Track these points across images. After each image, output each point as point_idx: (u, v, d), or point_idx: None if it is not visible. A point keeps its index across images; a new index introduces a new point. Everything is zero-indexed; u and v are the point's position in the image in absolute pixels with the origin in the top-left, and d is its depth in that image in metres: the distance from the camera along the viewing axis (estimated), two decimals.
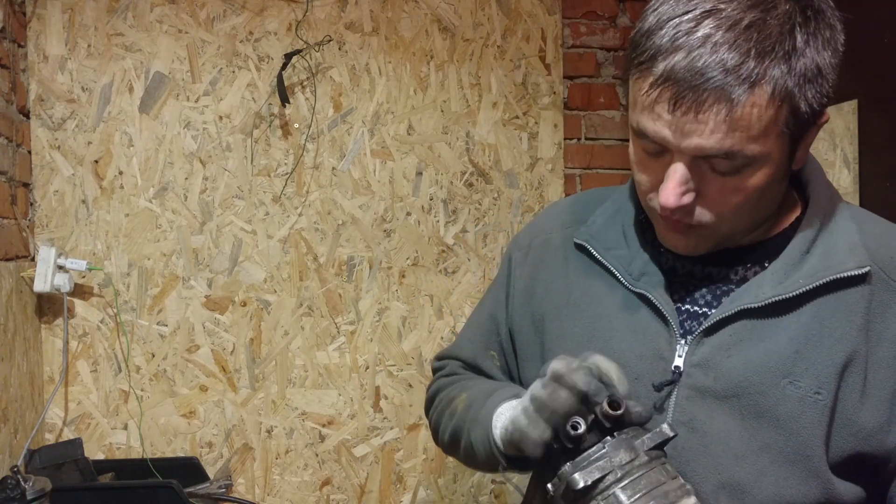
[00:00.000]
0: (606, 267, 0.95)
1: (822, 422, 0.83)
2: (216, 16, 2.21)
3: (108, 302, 2.16)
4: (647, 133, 0.82)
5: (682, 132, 0.79)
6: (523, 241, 1.09)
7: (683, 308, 0.92)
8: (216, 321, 2.21)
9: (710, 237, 0.87)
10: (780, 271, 0.87)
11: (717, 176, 0.82)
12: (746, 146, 0.78)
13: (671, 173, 0.82)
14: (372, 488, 2.29)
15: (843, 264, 0.85)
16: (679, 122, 0.79)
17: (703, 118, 0.77)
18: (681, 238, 0.88)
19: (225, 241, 2.22)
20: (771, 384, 0.84)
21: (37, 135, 2.13)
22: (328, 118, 2.27)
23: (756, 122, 0.78)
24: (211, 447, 2.21)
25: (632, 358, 0.90)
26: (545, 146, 2.38)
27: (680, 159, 0.81)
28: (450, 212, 2.33)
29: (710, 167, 0.82)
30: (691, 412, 0.87)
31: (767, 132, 0.79)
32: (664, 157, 0.84)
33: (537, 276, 1.03)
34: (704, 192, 0.83)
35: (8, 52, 1.99)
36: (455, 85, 2.33)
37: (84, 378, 2.15)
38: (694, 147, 0.79)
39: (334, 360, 2.27)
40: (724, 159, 0.80)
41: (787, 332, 0.85)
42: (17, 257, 2.01)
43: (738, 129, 0.77)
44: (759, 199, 0.84)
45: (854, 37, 1.81)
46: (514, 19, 2.36)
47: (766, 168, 0.81)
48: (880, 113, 1.64)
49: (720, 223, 0.85)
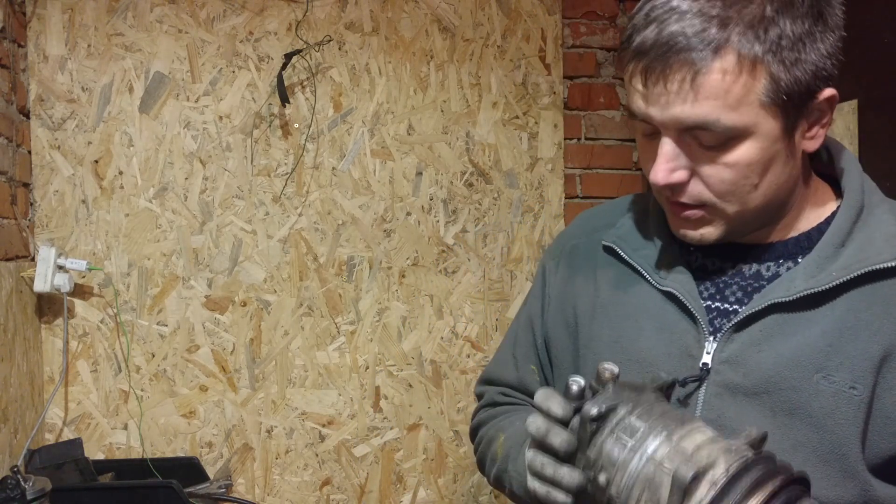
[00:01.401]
0: (634, 267, 0.95)
1: (857, 418, 0.80)
2: (216, 16, 2.21)
3: (108, 302, 2.16)
4: (634, 111, 0.83)
5: (658, 104, 0.80)
6: (555, 250, 1.09)
7: (714, 306, 0.90)
8: (216, 321, 2.21)
9: (719, 222, 0.85)
10: (813, 265, 0.85)
11: (706, 151, 0.82)
12: (723, 115, 0.78)
13: (659, 150, 0.83)
14: (372, 488, 2.29)
15: (879, 255, 0.82)
16: (653, 93, 0.80)
17: (671, 87, 0.78)
18: (690, 226, 0.87)
19: (225, 241, 2.22)
20: (803, 379, 0.82)
21: (37, 135, 2.13)
22: (328, 118, 2.27)
23: (728, 90, 0.77)
24: (211, 447, 2.21)
25: (660, 356, 0.90)
26: (545, 146, 2.38)
27: (666, 135, 0.82)
28: (450, 212, 2.33)
29: (697, 143, 0.81)
30: (720, 409, 0.85)
31: (743, 101, 0.78)
32: (657, 139, 0.84)
33: (569, 282, 1.03)
34: (699, 170, 0.83)
35: (8, 52, 1.99)
36: (455, 85, 2.33)
37: (84, 378, 2.15)
38: (670, 118, 0.80)
39: (334, 360, 2.27)
40: (705, 131, 0.79)
41: (819, 326, 0.83)
42: (17, 257, 2.01)
43: (710, 97, 0.78)
44: (759, 176, 0.82)
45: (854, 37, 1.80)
46: (514, 19, 2.36)
47: (754, 142, 0.80)
48: (880, 113, 1.64)
49: (723, 204, 0.84)
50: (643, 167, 0.89)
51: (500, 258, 2.35)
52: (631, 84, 0.82)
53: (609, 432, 0.73)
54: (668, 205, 0.88)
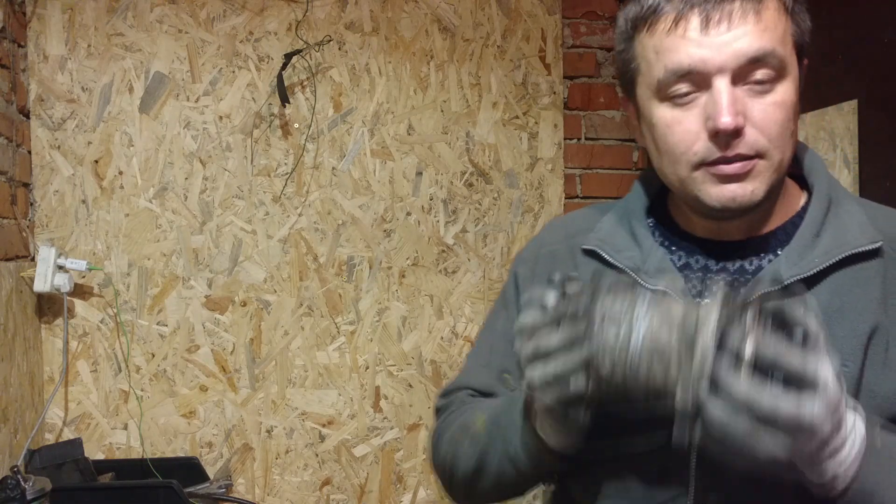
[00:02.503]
0: (620, 268, 0.94)
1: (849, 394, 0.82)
2: (216, 16, 2.21)
3: (108, 302, 2.16)
4: (682, 65, 0.83)
5: (717, 45, 0.82)
6: (528, 256, 1.07)
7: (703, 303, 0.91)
8: (216, 321, 2.21)
9: (765, 176, 0.86)
10: (794, 254, 0.87)
11: (757, 97, 0.84)
12: (777, 46, 0.83)
13: (717, 96, 0.83)
14: (372, 488, 2.29)
15: (855, 240, 0.86)
16: (714, 39, 0.82)
17: (737, 23, 0.82)
18: (739, 185, 0.86)
19: (225, 241, 2.22)
20: None
21: (37, 135, 2.13)
22: (328, 118, 2.27)
23: (777, 25, 0.84)
24: (211, 447, 2.21)
25: None
26: (545, 146, 2.38)
27: (720, 80, 0.83)
28: (450, 212, 2.33)
29: (748, 88, 0.83)
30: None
31: (786, 39, 0.84)
32: (697, 100, 0.84)
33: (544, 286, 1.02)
34: (750, 116, 0.84)
35: (8, 52, 1.99)
36: (455, 85, 2.33)
37: (84, 378, 2.15)
38: (734, 53, 0.82)
39: (334, 360, 2.27)
40: (762, 65, 0.82)
41: None
42: (17, 257, 2.01)
43: (769, 29, 0.83)
44: (794, 122, 0.86)
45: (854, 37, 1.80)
46: (514, 19, 2.36)
47: (790, 82, 0.85)
48: (880, 113, 1.64)
49: (773, 151, 0.85)
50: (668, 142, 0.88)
51: (500, 258, 2.35)
52: (685, 38, 0.83)
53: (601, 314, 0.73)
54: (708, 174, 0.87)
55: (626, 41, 0.90)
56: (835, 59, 1.71)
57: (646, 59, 0.87)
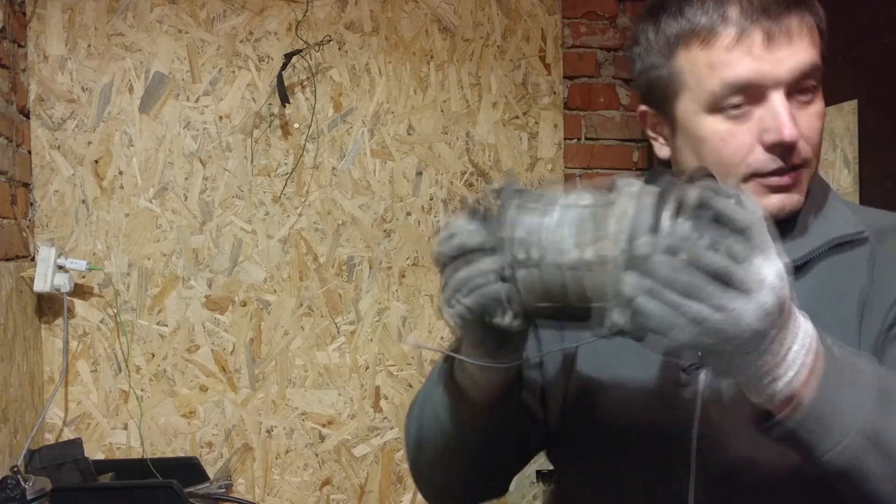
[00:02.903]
0: None
1: None
2: (216, 16, 2.21)
3: (108, 302, 2.16)
4: (742, 79, 0.85)
5: (778, 62, 0.85)
6: None
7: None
8: (216, 321, 2.21)
9: (806, 182, 0.89)
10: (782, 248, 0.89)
11: (802, 108, 0.87)
12: (818, 60, 0.87)
13: (777, 109, 0.85)
14: (372, 488, 2.29)
15: (841, 230, 0.89)
16: (775, 54, 0.85)
17: (794, 41, 0.85)
18: (787, 195, 0.88)
19: (225, 241, 2.22)
20: None
21: (37, 135, 2.13)
22: (328, 118, 2.27)
23: (817, 38, 0.88)
24: (211, 447, 2.21)
25: None
26: (545, 146, 2.38)
27: (776, 95, 0.85)
28: (450, 212, 2.32)
29: (794, 101, 0.86)
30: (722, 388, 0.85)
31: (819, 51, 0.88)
32: (750, 114, 0.86)
33: None
34: (800, 129, 0.86)
35: (8, 52, 1.99)
36: (455, 85, 2.33)
37: (84, 378, 2.15)
38: (793, 69, 0.85)
39: (334, 360, 2.27)
40: (810, 79, 0.86)
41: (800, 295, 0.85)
42: (17, 257, 2.01)
43: (815, 44, 0.87)
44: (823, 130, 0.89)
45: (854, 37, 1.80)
46: (514, 19, 2.36)
47: (821, 92, 0.89)
48: (880, 113, 1.64)
49: (813, 158, 0.88)
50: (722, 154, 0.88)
51: None
52: (748, 53, 0.85)
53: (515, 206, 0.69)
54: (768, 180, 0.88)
55: (664, 56, 0.90)
56: (835, 59, 1.71)
57: (695, 74, 0.87)
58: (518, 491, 2.17)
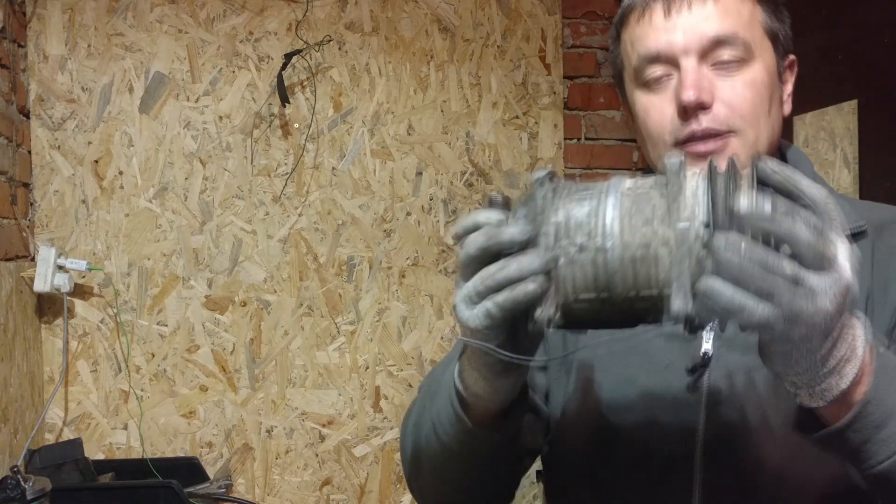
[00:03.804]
0: None
1: None
2: (216, 16, 2.21)
3: (108, 302, 2.16)
4: (651, 50, 0.88)
5: (681, 30, 0.87)
6: None
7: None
8: (216, 321, 2.21)
9: (741, 151, 0.86)
10: None
11: (726, 76, 0.87)
12: (740, 30, 0.86)
13: (683, 74, 0.86)
14: (372, 488, 2.29)
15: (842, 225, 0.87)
16: (677, 23, 0.87)
17: (696, 10, 0.87)
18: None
19: (225, 241, 2.22)
20: None
21: (37, 135, 2.13)
22: (328, 118, 2.27)
23: (740, 10, 0.87)
24: (211, 447, 2.21)
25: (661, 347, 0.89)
26: (545, 146, 2.38)
27: (686, 61, 0.87)
28: (450, 212, 2.33)
29: (717, 69, 0.87)
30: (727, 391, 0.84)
31: (753, 23, 0.88)
32: (669, 82, 0.88)
33: None
34: (720, 94, 0.87)
35: (8, 52, 1.99)
36: (455, 85, 2.33)
37: (84, 378, 2.15)
38: (696, 37, 0.86)
39: (334, 360, 2.27)
40: (726, 46, 0.86)
41: None
42: (17, 257, 2.01)
43: (730, 14, 0.86)
44: (768, 103, 0.88)
45: (854, 37, 1.80)
46: (514, 19, 2.36)
47: (761, 65, 0.88)
48: (880, 113, 1.64)
49: (744, 126, 0.87)
50: (649, 126, 0.90)
51: None
52: (651, 25, 0.88)
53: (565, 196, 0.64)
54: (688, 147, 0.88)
55: (614, 41, 0.96)
56: (835, 59, 1.70)
57: (626, 53, 0.93)
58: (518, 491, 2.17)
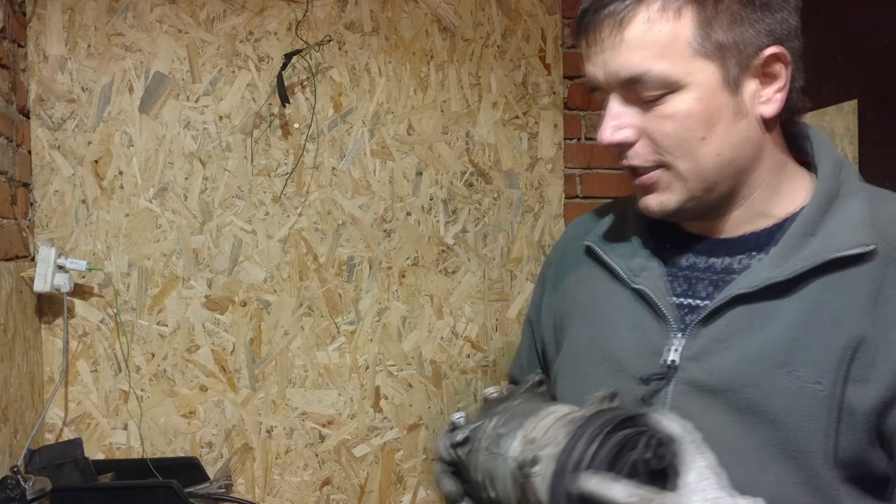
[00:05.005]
0: (611, 266, 0.94)
1: (821, 414, 0.77)
2: (216, 16, 2.21)
3: (108, 302, 2.16)
4: (590, 79, 0.87)
5: (597, 63, 0.84)
6: (552, 256, 1.12)
7: (685, 302, 0.88)
8: (216, 321, 2.21)
9: (676, 186, 0.85)
10: (780, 255, 0.83)
11: (650, 110, 0.83)
12: (653, 65, 0.80)
13: (605, 112, 0.85)
14: (372, 488, 2.29)
15: (844, 244, 0.80)
16: (593, 53, 0.84)
17: (603, 42, 0.82)
18: (650, 196, 0.87)
19: (225, 241, 2.22)
20: (767, 375, 0.79)
21: (37, 135, 2.13)
22: (328, 118, 2.27)
23: (655, 39, 0.80)
24: (211, 447, 2.21)
25: (630, 355, 0.89)
26: (545, 146, 2.38)
27: (612, 94, 0.85)
28: (450, 212, 2.33)
29: (640, 102, 0.83)
30: (686, 407, 0.81)
31: (672, 49, 0.80)
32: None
33: (558, 287, 1.04)
34: (645, 128, 0.84)
35: (8, 52, 1.99)
36: (455, 85, 2.33)
37: (84, 378, 2.15)
38: (607, 73, 0.83)
39: (334, 360, 2.27)
40: (639, 83, 0.81)
41: (786, 319, 0.80)
42: (17, 257, 2.01)
43: (637, 48, 0.80)
44: (705, 129, 0.82)
45: (854, 37, 1.80)
46: (514, 19, 2.36)
47: (691, 92, 0.81)
48: (880, 113, 1.64)
49: (674, 160, 0.83)
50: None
51: (501, 258, 2.35)
52: (582, 52, 0.86)
53: (482, 451, 0.77)
54: (629, 176, 0.89)
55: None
56: (835, 59, 1.70)
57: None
58: None
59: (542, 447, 0.70)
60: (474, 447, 0.77)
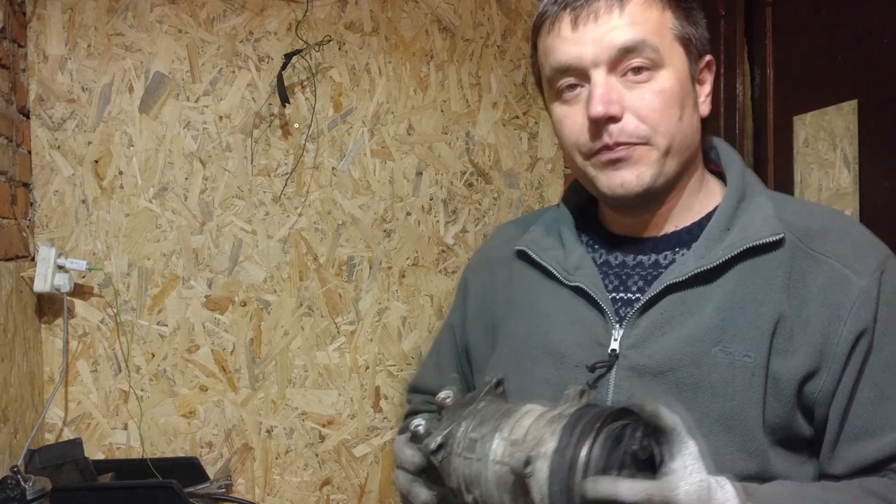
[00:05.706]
0: (545, 267, 1.00)
1: (753, 383, 0.86)
2: (216, 16, 2.21)
3: (108, 302, 2.16)
4: (561, 63, 0.90)
5: (589, 41, 0.88)
6: (474, 263, 1.17)
7: (618, 297, 0.96)
8: (216, 321, 2.21)
9: (651, 161, 0.90)
10: (702, 248, 0.91)
11: (635, 86, 0.88)
12: (648, 37, 0.87)
13: (592, 88, 0.88)
14: (372, 488, 2.29)
15: (758, 234, 0.89)
16: (584, 35, 0.88)
17: (603, 20, 0.88)
18: (626, 170, 0.90)
19: (225, 241, 2.22)
20: (702, 354, 0.88)
21: (37, 135, 2.13)
22: (328, 118, 2.27)
23: (648, 17, 0.88)
24: (211, 447, 2.21)
25: (571, 346, 0.95)
26: (545, 146, 2.38)
27: (596, 73, 0.88)
28: (450, 212, 2.33)
29: (625, 75, 0.88)
30: (630, 391, 0.90)
31: (662, 30, 0.89)
32: (582, 94, 0.90)
33: (489, 290, 1.09)
34: (630, 105, 0.88)
35: (8, 52, 1.99)
36: (455, 85, 2.33)
37: (84, 378, 2.15)
38: (604, 47, 0.87)
39: (334, 360, 2.27)
40: (635, 54, 0.87)
41: (713, 303, 0.89)
42: (17, 257, 2.01)
43: (637, 22, 0.88)
44: (680, 108, 0.89)
45: (854, 37, 1.80)
46: (514, 19, 2.36)
47: (672, 72, 0.89)
48: (880, 113, 1.64)
49: (656, 136, 0.89)
50: (565, 138, 0.93)
51: None
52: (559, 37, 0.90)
53: (456, 456, 0.77)
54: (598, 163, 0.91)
55: (532, 50, 0.98)
56: (835, 59, 1.70)
57: (541, 63, 0.95)
58: None
59: (531, 448, 0.70)
60: (447, 452, 0.78)
